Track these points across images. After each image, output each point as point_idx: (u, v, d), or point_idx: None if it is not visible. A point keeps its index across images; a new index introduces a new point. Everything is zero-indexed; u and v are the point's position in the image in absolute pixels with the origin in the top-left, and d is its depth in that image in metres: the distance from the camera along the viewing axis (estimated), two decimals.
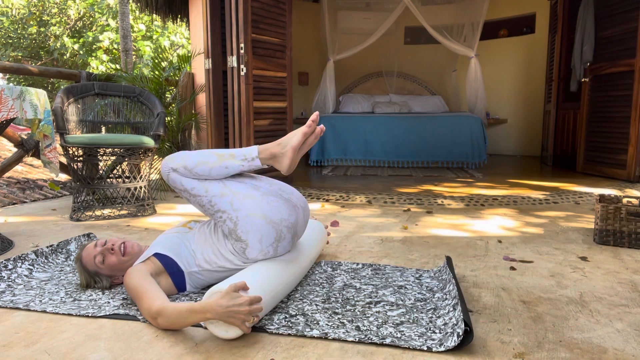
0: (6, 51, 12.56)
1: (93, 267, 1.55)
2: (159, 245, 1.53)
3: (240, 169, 1.47)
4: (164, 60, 3.93)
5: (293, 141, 1.43)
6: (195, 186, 1.46)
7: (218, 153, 1.47)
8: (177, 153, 1.51)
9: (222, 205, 1.44)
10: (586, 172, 4.60)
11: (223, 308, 1.15)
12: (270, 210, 1.44)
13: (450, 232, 2.42)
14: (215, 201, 1.44)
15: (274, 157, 1.45)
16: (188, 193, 1.48)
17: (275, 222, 1.44)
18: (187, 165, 1.45)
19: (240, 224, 1.42)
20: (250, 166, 1.46)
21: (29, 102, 2.04)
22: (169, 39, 12.71)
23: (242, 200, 1.43)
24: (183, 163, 1.46)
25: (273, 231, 1.44)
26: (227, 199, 1.44)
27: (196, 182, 1.46)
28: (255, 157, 1.45)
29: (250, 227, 1.42)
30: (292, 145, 1.43)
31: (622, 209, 2.11)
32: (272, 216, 1.43)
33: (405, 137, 5.29)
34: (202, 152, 1.48)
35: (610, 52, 4.20)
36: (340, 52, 6.22)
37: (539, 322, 1.34)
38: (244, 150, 1.47)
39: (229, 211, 1.43)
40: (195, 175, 1.46)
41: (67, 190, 3.78)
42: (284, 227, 1.45)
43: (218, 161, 1.45)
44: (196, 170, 1.45)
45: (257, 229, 1.42)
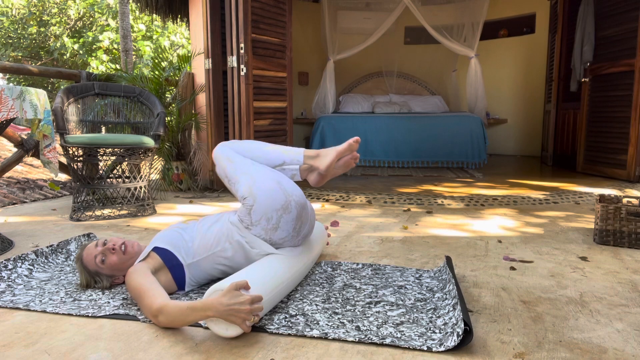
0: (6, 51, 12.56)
1: (94, 267, 1.55)
2: (158, 240, 1.54)
3: (283, 159, 1.61)
4: (164, 60, 3.93)
5: (336, 147, 1.59)
6: (235, 157, 1.60)
7: (269, 144, 1.66)
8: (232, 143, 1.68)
9: (247, 169, 1.56)
10: (586, 172, 4.60)
11: (224, 306, 1.15)
12: (286, 181, 1.55)
13: (450, 232, 2.42)
14: (243, 166, 1.57)
15: (318, 156, 1.60)
16: (226, 160, 1.59)
17: (286, 191, 1.51)
18: (241, 143, 1.65)
19: (256, 181, 1.51)
20: (292, 159, 1.61)
21: (29, 102, 2.04)
22: (169, 39, 12.71)
23: (265, 170, 1.57)
24: (238, 141, 1.67)
25: (283, 197, 1.50)
26: (254, 167, 1.57)
27: (238, 156, 1.61)
28: (301, 152, 1.61)
29: (263, 185, 1.50)
30: (336, 149, 1.58)
31: (622, 209, 2.10)
32: (286, 186, 1.53)
33: (405, 137, 5.29)
34: (255, 141, 1.68)
35: (610, 52, 4.20)
36: (340, 52, 6.22)
37: (539, 322, 1.34)
38: (291, 147, 1.65)
39: (251, 172, 1.54)
40: (244, 150, 1.62)
41: (67, 190, 3.78)
42: (292, 200, 1.51)
43: (268, 147, 1.63)
44: (247, 146, 1.63)
45: (269, 189, 1.50)
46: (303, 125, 7.02)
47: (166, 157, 3.73)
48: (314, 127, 5.51)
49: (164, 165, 3.81)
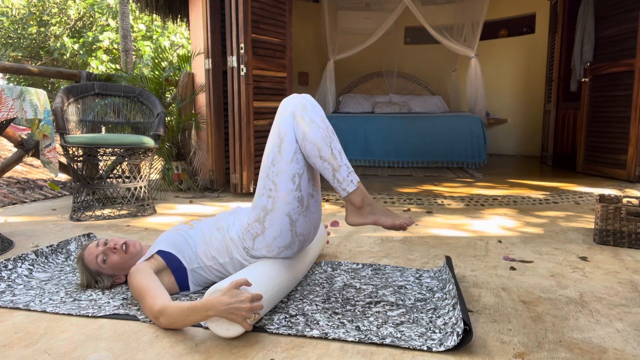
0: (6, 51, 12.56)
1: (95, 267, 1.55)
2: (162, 242, 1.53)
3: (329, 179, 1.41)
4: (164, 60, 3.93)
5: (382, 219, 1.40)
6: (289, 149, 1.40)
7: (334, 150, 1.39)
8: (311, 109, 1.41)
9: (281, 184, 1.40)
10: (586, 172, 4.60)
11: (224, 305, 1.15)
12: (302, 223, 1.45)
13: (450, 232, 2.42)
14: (282, 176, 1.40)
15: (356, 206, 1.41)
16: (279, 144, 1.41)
17: (296, 233, 1.46)
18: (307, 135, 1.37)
19: (275, 212, 1.42)
20: (337, 186, 1.40)
21: (29, 102, 2.04)
22: (169, 39, 12.71)
23: (294, 199, 1.41)
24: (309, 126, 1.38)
25: (289, 238, 1.46)
26: (289, 187, 1.40)
27: (294, 147, 1.40)
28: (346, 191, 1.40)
29: (278, 222, 1.42)
30: (376, 219, 1.40)
31: (622, 209, 2.10)
32: (298, 228, 1.45)
33: (405, 137, 5.29)
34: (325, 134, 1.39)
35: (610, 52, 4.20)
36: (340, 52, 6.22)
37: (539, 322, 1.34)
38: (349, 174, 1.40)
39: (280, 195, 1.40)
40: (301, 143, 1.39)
41: (67, 190, 3.78)
42: (298, 240, 1.48)
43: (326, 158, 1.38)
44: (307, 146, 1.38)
45: (280, 229, 1.43)
46: None
47: (166, 157, 3.73)
48: None
49: (164, 165, 3.81)
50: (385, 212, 1.43)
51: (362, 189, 1.42)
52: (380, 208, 1.44)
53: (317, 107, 1.44)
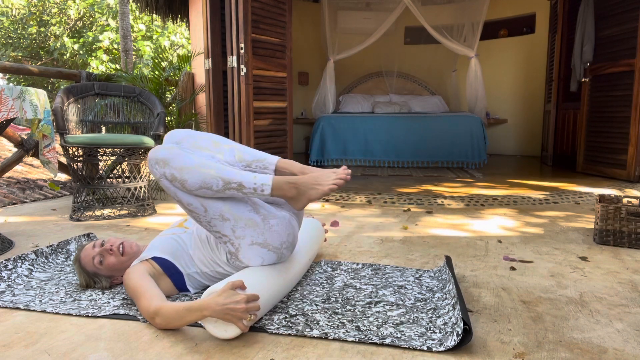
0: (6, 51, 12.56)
1: (92, 268, 1.55)
2: (156, 248, 1.52)
3: (244, 199, 1.38)
4: (164, 60, 3.93)
5: (311, 194, 1.35)
6: (192, 203, 1.34)
7: (224, 178, 1.31)
8: (171, 152, 1.33)
9: (222, 230, 1.37)
10: (586, 172, 4.60)
11: (220, 305, 1.16)
12: (272, 237, 1.39)
13: (450, 232, 2.42)
14: (215, 223, 1.36)
15: (287, 198, 1.38)
16: (183, 205, 1.37)
17: (276, 248, 1.42)
18: (185, 185, 1.31)
19: (242, 251, 1.39)
20: (251, 194, 1.35)
21: (29, 102, 2.04)
22: (169, 39, 12.71)
23: (244, 229, 1.36)
24: (180, 178, 1.31)
25: (274, 255, 1.43)
26: (229, 225, 1.36)
27: (193, 198, 1.34)
28: (267, 194, 1.34)
29: (252, 254, 1.40)
30: (309, 196, 1.36)
31: (622, 209, 2.10)
32: (274, 243, 1.40)
33: (405, 137, 5.29)
34: (204, 171, 1.31)
35: (610, 52, 4.20)
36: (340, 52, 6.21)
37: (539, 322, 1.34)
38: (255, 181, 1.33)
39: (231, 237, 1.37)
40: (193, 195, 1.34)
41: (67, 190, 3.78)
42: (284, 249, 1.44)
43: (222, 189, 1.32)
44: (195, 192, 1.33)
45: (259, 256, 1.41)
46: (303, 125, 7.02)
47: None
48: (314, 127, 5.51)
49: None
50: (313, 182, 1.36)
51: (279, 180, 1.35)
52: (307, 182, 1.36)
53: (177, 148, 1.35)
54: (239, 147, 1.51)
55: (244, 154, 1.50)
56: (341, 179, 1.35)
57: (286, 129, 3.88)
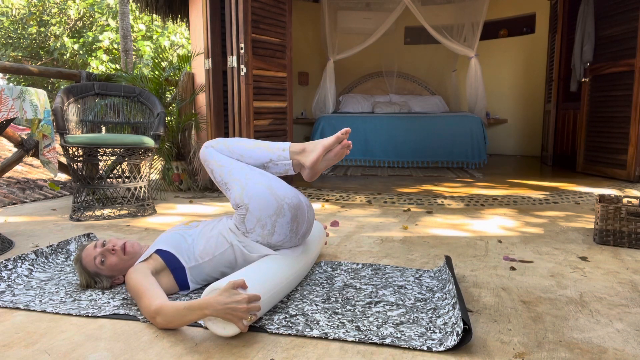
0: (6, 51, 12.56)
1: (93, 268, 1.55)
2: (161, 242, 1.54)
3: (269, 157, 1.59)
4: (164, 60, 3.93)
5: (324, 140, 1.56)
6: (224, 161, 1.57)
7: (255, 141, 1.63)
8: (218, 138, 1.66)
9: (237, 175, 1.54)
10: (586, 172, 4.60)
11: (221, 305, 1.16)
12: (277, 185, 1.52)
13: (450, 232, 2.42)
14: (234, 172, 1.55)
15: (304, 151, 1.57)
16: (215, 164, 1.57)
17: (278, 196, 1.49)
18: (226, 142, 1.61)
19: (247, 188, 1.50)
20: (279, 156, 1.58)
21: (29, 102, 2.04)
22: (169, 39, 12.71)
23: (256, 175, 1.54)
24: (223, 141, 1.62)
25: (274, 202, 1.48)
26: (244, 172, 1.54)
27: (226, 159, 1.58)
28: (287, 148, 1.58)
29: (254, 192, 1.48)
30: (322, 143, 1.55)
31: (622, 209, 2.10)
32: (277, 190, 1.50)
33: (405, 137, 5.29)
34: (241, 138, 1.65)
35: (610, 52, 4.20)
36: (340, 52, 6.22)
37: (539, 322, 1.34)
38: (277, 143, 1.62)
39: (242, 179, 1.52)
40: (231, 152, 1.59)
41: (67, 190, 3.78)
42: (285, 203, 1.50)
43: (253, 145, 1.60)
44: (233, 147, 1.59)
45: (260, 196, 1.48)
46: (303, 125, 7.02)
47: (166, 157, 3.73)
48: (314, 127, 5.51)
49: (164, 165, 3.81)
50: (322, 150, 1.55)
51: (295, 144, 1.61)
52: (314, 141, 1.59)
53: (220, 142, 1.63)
54: None
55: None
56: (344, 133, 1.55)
57: (286, 129, 3.88)
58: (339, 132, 1.55)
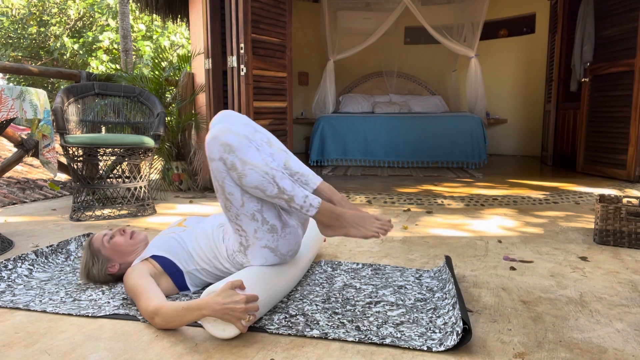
0: (6, 51, 12.56)
1: (98, 245, 1.59)
2: (156, 247, 1.53)
3: (287, 210, 1.40)
4: (164, 60, 3.93)
5: (352, 231, 1.36)
6: (234, 194, 1.33)
7: (281, 187, 1.30)
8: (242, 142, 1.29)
9: (246, 226, 1.37)
10: (586, 172, 4.60)
11: (219, 305, 1.16)
12: (283, 244, 1.42)
13: (450, 232, 2.42)
14: (242, 218, 1.36)
15: (323, 224, 1.38)
16: (223, 192, 1.33)
17: (282, 254, 1.44)
18: (242, 179, 1.29)
19: (252, 250, 1.41)
20: (295, 210, 1.34)
21: (29, 102, 2.04)
22: (169, 39, 12.71)
23: (265, 233, 1.38)
24: (241, 170, 1.28)
25: (277, 260, 1.45)
26: (254, 225, 1.36)
27: (238, 191, 1.33)
28: (309, 215, 1.35)
29: (260, 255, 1.42)
30: (347, 232, 1.37)
31: (622, 209, 2.10)
32: (282, 250, 1.43)
33: (405, 137, 5.29)
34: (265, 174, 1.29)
35: (610, 52, 4.20)
36: (340, 52, 6.22)
37: (539, 322, 1.34)
38: (305, 200, 1.32)
39: (250, 235, 1.38)
40: (243, 188, 1.33)
41: (67, 190, 3.78)
42: (288, 256, 1.47)
43: (273, 196, 1.31)
44: (249, 190, 1.32)
45: (264, 257, 1.43)
46: (303, 125, 7.02)
47: (166, 157, 3.73)
48: (314, 127, 5.51)
49: (164, 165, 3.81)
50: (357, 221, 1.37)
51: (326, 207, 1.35)
52: (350, 218, 1.37)
53: (247, 139, 1.32)
54: (289, 154, 1.49)
55: (291, 162, 1.48)
56: (385, 230, 1.36)
57: (286, 129, 3.87)
58: (370, 234, 1.35)
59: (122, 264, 1.61)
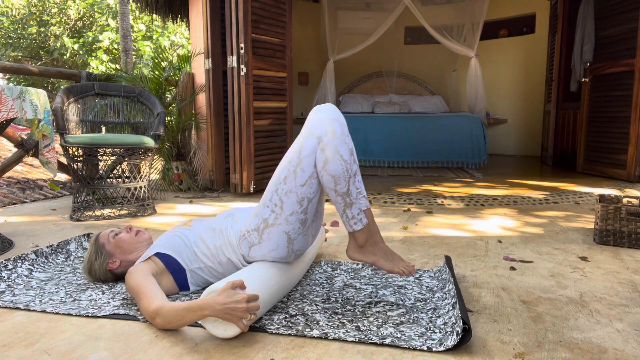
0: (6, 51, 12.56)
1: (103, 240, 1.62)
2: (160, 245, 1.54)
3: (339, 212, 1.39)
4: (164, 60, 3.93)
5: (378, 261, 1.41)
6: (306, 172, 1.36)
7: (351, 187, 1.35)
8: (345, 130, 1.37)
9: (287, 205, 1.38)
10: (586, 172, 4.60)
11: (220, 305, 1.16)
12: (299, 241, 1.45)
13: (450, 232, 2.42)
14: (291, 197, 1.37)
15: (357, 242, 1.41)
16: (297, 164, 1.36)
17: (292, 250, 1.47)
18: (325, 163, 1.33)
19: (273, 229, 1.42)
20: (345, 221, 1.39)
21: (29, 102, 2.04)
22: (169, 39, 12.71)
23: (296, 221, 1.40)
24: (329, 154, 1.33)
25: (285, 252, 1.46)
26: (295, 208, 1.39)
27: (310, 171, 1.36)
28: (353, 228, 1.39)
29: (275, 237, 1.43)
30: (373, 260, 1.41)
31: (622, 209, 2.10)
32: (295, 245, 1.46)
33: (405, 137, 5.29)
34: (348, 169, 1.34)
35: (610, 52, 4.20)
36: (340, 52, 6.22)
37: (539, 322, 1.34)
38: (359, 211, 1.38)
39: (284, 215, 1.40)
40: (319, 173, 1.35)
41: (67, 190, 3.78)
42: (294, 254, 1.49)
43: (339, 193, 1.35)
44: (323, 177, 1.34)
45: (277, 243, 1.44)
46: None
47: (166, 157, 3.73)
48: None
49: (164, 165, 3.81)
50: (388, 254, 1.42)
51: (370, 228, 1.41)
52: (383, 249, 1.42)
53: (347, 137, 1.38)
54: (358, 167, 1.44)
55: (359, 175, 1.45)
56: (409, 272, 1.40)
57: (286, 129, 3.87)
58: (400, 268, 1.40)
59: (123, 261, 1.61)
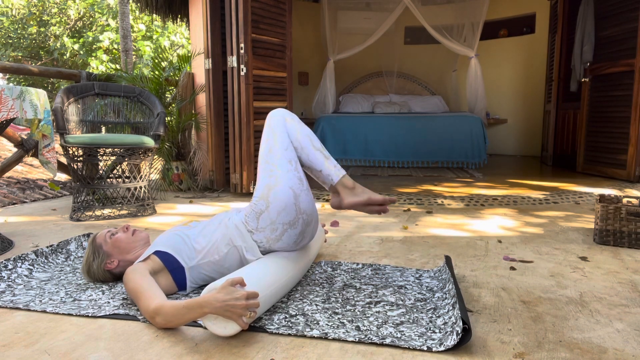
0: (6, 51, 12.56)
1: (100, 240, 1.62)
2: (159, 243, 1.54)
3: (320, 168, 1.58)
4: (164, 60, 3.93)
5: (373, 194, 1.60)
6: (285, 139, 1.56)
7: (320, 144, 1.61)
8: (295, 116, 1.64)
9: (281, 166, 1.53)
10: (586, 172, 4.60)
11: (220, 302, 1.16)
12: (304, 198, 1.52)
13: (450, 232, 2.42)
14: (281, 160, 1.53)
15: (351, 189, 1.59)
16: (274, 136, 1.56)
17: (300, 208, 1.50)
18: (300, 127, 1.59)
19: (278, 188, 1.49)
20: (328, 175, 1.58)
21: (29, 102, 2.04)
22: (169, 39, 12.70)
23: (293, 177, 1.52)
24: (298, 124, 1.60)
25: (293, 213, 1.50)
26: (288, 167, 1.53)
27: (286, 140, 1.56)
28: (340, 176, 1.58)
29: (282, 196, 1.49)
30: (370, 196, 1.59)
31: (622, 209, 2.10)
32: (301, 203, 1.51)
33: (405, 137, 5.29)
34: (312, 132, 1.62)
35: (610, 52, 4.20)
36: (340, 52, 6.22)
37: (539, 322, 1.34)
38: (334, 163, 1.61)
39: (281, 173, 1.51)
40: (296, 138, 1.57)
41: (67, 190, 3.78)
42: (302, 218, 1.52)
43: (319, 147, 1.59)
44: (300, 138, 1.57)
45: (284, 201, 1.49)
46: None
47: (166, 157, 3.73)
48: (314, 127, 5.51)
49: (164, 165, 3.81)
50: (372, 190, 1.63)
51: (346, 179, 1.61)
52: (366, 189, 1.62)
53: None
54: None
55: None
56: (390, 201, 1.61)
57: None
58: (389, 197, 1.61)
59: (121, 261, 1.61)
